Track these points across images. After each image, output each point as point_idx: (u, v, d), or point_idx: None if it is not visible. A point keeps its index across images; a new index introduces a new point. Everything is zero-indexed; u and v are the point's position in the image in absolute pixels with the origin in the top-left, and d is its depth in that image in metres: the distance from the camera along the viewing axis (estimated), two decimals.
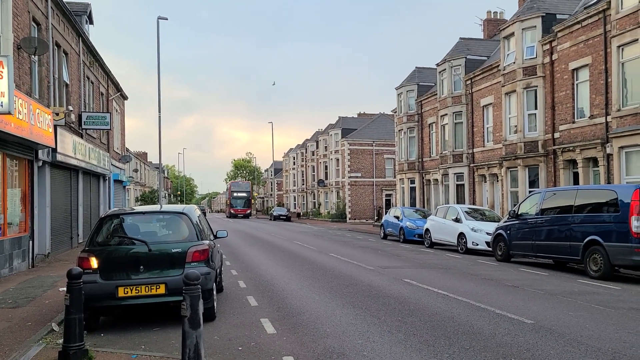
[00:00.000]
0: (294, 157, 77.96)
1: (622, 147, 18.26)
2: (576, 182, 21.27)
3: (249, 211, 73.98)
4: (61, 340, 6.28)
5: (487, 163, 27.47)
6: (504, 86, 25.10)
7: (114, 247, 7.67)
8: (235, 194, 73.51)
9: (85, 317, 6.35)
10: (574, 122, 21.47)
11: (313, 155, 67.58)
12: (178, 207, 8.97)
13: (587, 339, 6.74)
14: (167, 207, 9.84)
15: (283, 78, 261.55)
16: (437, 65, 31.93)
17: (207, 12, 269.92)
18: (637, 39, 17.49)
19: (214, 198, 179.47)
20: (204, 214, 10.17)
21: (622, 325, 7.50)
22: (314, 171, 66.97)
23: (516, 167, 24.39)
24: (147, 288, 7.32)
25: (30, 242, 14.39)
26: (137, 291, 7.30)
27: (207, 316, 7.41)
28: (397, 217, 25.98)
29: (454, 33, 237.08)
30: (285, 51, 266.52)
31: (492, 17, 34.93)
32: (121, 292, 7.26)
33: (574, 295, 10.07)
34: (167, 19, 26.29)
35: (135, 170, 53.22)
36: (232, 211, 72.65)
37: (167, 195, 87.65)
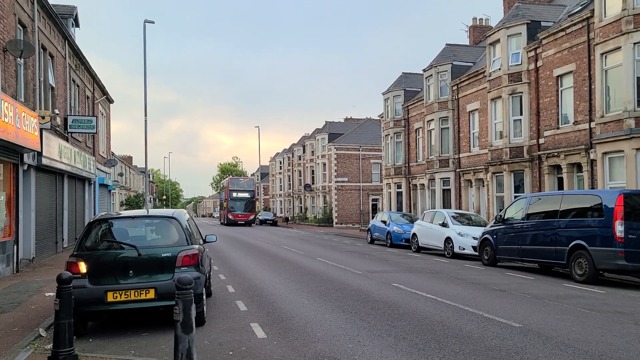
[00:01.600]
0: (280, 162, 77.88)
1: (605, 153, 18.56)
2: (561, 187, 21.57)
3: (252, 216, 54.38)
4: (49, 346, 6.22)
5: (473, 168, 27.72)
6: (489, 92, 25.39)
7: (102, 252, 7.61)
8: (235, 194, 54.08)
9: (74, 322, 6.29)
10: (558, 128, 21.78)
11: (300, 159, 67.59)
12: (168, 211, 8.93)
13: (574, 342, 6.84)
14: (156, 211, 9.79)
15: (269, 82, 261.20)
16: (424, 70, 32.19)
17: (192, 15, 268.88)
18: (620, 47, 17.82)
19: (199, 202, 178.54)
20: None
21: (607, 329, 7.63)
22: (300, 175, 66.96)
23: (502, 172, 24.65)
24: (136, 293, 7.28)
25: (15, 246, 14.20)
26: (126, 296, 7.25)
27: (197, 321, 7.34)
28: (384, 222, 26.08)
29: (440, 39, 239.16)
30: (271, 55, 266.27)
31: (478, 23, 35.31)
32: (110, 297, 7.20)
33: (560, 299, 10.20)
34: (153, 23, 26.17)
35: (121, 174, 52.76)
36: (230, 216, 53.15)
37: (152, 199, 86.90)
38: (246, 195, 54.60)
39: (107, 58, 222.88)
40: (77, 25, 24.59)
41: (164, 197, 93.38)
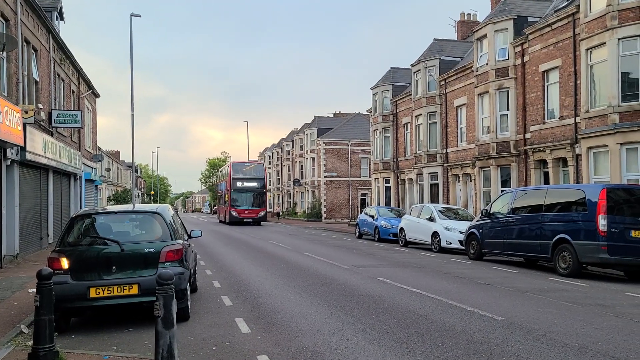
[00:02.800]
0: (269, 157, 77.71)
1: (590, 148, 18.73)
2: (546, 181, 21.75)
3: (262, 213, 42.30)
4: (31, 342, 6.16)
5: (460, 163, 27.86)
6: (477, 87, 25.49)
7: (85, 247, 7.55)
8: (239, 184, 41.95)
9: (56, 318, 6.24)
10: (544, 123, 21.93)
11: (289, 154, 67.49)
12: (151, 206, 8.87)
13: (556, 334, 6.91)
14: (140, 206, 9.73)
15: (259, 77, 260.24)
16: (412, 65, 32.23)
17: (182, 10, 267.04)
18: (605, 43, 17.96)
19: (188, 198, 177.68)
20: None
21: (588, 321, 7.72)
22: (289, 170, 66.88)
23: (489, 167, 24.80)
24: (119, 288, 7.24)
25: None
26: (109, 292, 7.21)
27: (181, 316, 7.38)
28: (372, 217, 26.15)
29: (428, 34, 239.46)
30: (261, 50, 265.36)
31: (466, 18, 35.41)
32: (93, 293, 7.16)
33: (544, 292, 10.30)
34: (140, 16, 25.92)
35: (108, 170, 52.36)
36: (233, 213, 41.18)
37: (140, 194, 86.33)
38: (254, 185, 42.09)
39: (93, 52, 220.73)
40: (62, 18, 24.29)
41: (152, 192, 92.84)
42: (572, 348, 6.29)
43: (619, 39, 17.61)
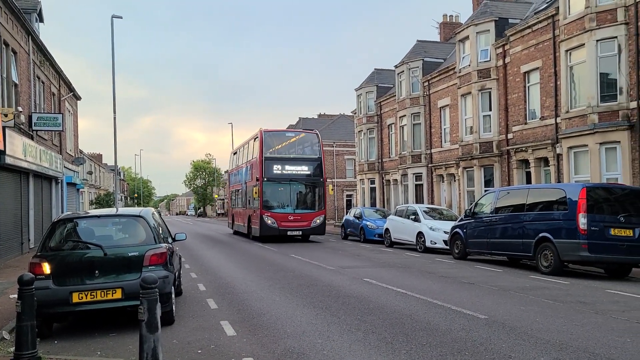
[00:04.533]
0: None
1: (570, 148, 19.01)
2: (529, 181, 22.02)
3: (318, 219, 24.42)
4: (12, 349, 6.09)
5: (444, 163, 28.09)
6: (459, 88, 25.72)
7: (67, 252, 7.48)
8: (277, 168, 24.21)
9: (38, 324, 6.18)
10: (526, 124, 22.21)
11: None
12: (135, 210, 8.81)
13: (537, 331, 7.02)
14: (123, 210, 9.66)
15: (243, 79, 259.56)
16: (396, 67, 32.41)
17: (164, 10, 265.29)
18: (584, 44, 18.25)
19: (172, 200, 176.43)
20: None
21: (569, 318, 7.84)
22: None
23: (472, 167, 25.04)
24: (102, 293, 7.18)
25: None
26: (92, 296, 7.15)
27: (166, 320, 7.35)
28: (358, 217, 26.22)
29: (411, 36, 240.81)
30: (245, 52, 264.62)
31: (448, 20, 35.71)
32: (75, 298, 7.09)
33: (526, 290, 10.44)
34: (121, 18, 25.70)
35: (90, 173, 51.79)
36: (267, 220, 23.68)
37: (123, 198, 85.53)
38: (303, 170, 24.75)
39: (74, 54, 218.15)
40: (42, 20, 23.99)
41: (136, 195, 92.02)
42: (553, 345, 6.39)
43: (597, 41, 17.92)
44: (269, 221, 23.48)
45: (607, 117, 17.71)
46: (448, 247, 17.83)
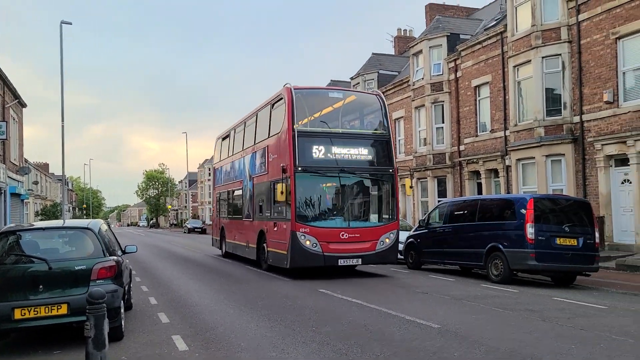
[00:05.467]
0: (209, 168, 76.52)
1: (519, 160, 19.70)
2: (480, 191, 22.66)
3: (388, 239, 14.40)
4: None
5: (399, 174, 28.50)
6: (413, 100, 26.28)
7: (9, 266, 7.13)
8: (318, 149, 14.17)
9: None
10: (477, 136, 22.89)
11: None
12: (82, 221, 8.52)
13: (488, 340, 7.17)
14: (70, 222, 9.33)
15: (200, 87, 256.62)
16: (352, 79, 32.81)
17: (117, 18, 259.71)
18: (530, 60, 19.02)
19: (123, 211, 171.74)
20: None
21: (518, 326, 8.06)
22: None
23: (426, 178, 25.55)
24: (47, 309, 6.87)
25: None
26: (35, 312, 6.83)
27: (115, 335, 7.10)
28: None
29: (367, 48, 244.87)
30: (203, 60, 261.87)
31: (402, 34, 36.52)
32: (18, 314, 6.76)
33: (477, 299, 10.67)
34: (71, 24, 25.00)
35: (35, 183, 49.77)
36: (303, 239, 13.53)
37: (71, 209, 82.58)
38: (362, 153, 14.91)
39: (20, 60, 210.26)
40: None
41: (85, 206, 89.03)
42: (503, 352, 6.55)
43: (542, 57, 18.71)
44: (308, 242, 13.60)
45: (553, 131, 18.47)
46: (402, 257, 18.03)
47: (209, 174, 75.06)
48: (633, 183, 17.03)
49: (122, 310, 7.68)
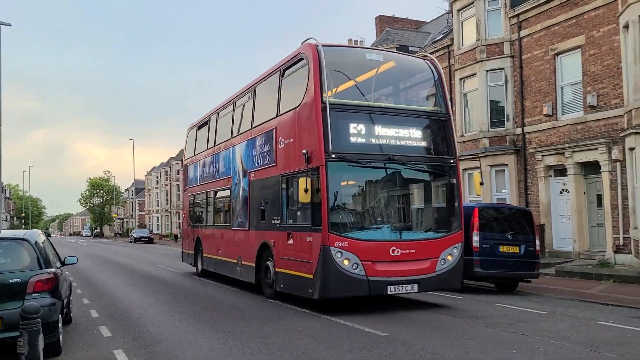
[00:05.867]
0: (157, 176, 74.76)
1: (465, 169, 20.27)
2: None
3: (453, 253, 10.63)
4: None
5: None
6: None
7: None
8: (359, 131, 10.15)
9: None
10: None
11: (178, 173, 65.41)
12: (19, 232, 8.11)
13: (434, 347, 7.29)
14: (5, 232, 8.87)
15: (147, 94, 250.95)
16: None
17: (61, 22, 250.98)
18: (475, 73, 19.68)
19: (65, 220, 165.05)
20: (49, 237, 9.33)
21: (463, 333, 8.24)
22: (178, 190, 64.78)
23: None
24: None
25: None
26: None
27: (52, 351, 6.78)
28: None
29: None
30: (148, 65, 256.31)
31: (353, 44, 36.98)
32: None
33: (424, 307, 10.84)
34: (10, 25, 23.91)
35: None
36: (339, 255, 9.48)
37: (9, 218, 78.66)
38: (415, 135, 10.78)
39: None
40: None
41: (23, 215, 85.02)
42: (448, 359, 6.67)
43: (487, 71, 19.41)
44: (346, 261, 9.67)
45: (497, 142, 19.14)
46: None
47: (156, 179, 73.22)
48: (570, 192, 17.84)
49: (61, 325, 7.33)
